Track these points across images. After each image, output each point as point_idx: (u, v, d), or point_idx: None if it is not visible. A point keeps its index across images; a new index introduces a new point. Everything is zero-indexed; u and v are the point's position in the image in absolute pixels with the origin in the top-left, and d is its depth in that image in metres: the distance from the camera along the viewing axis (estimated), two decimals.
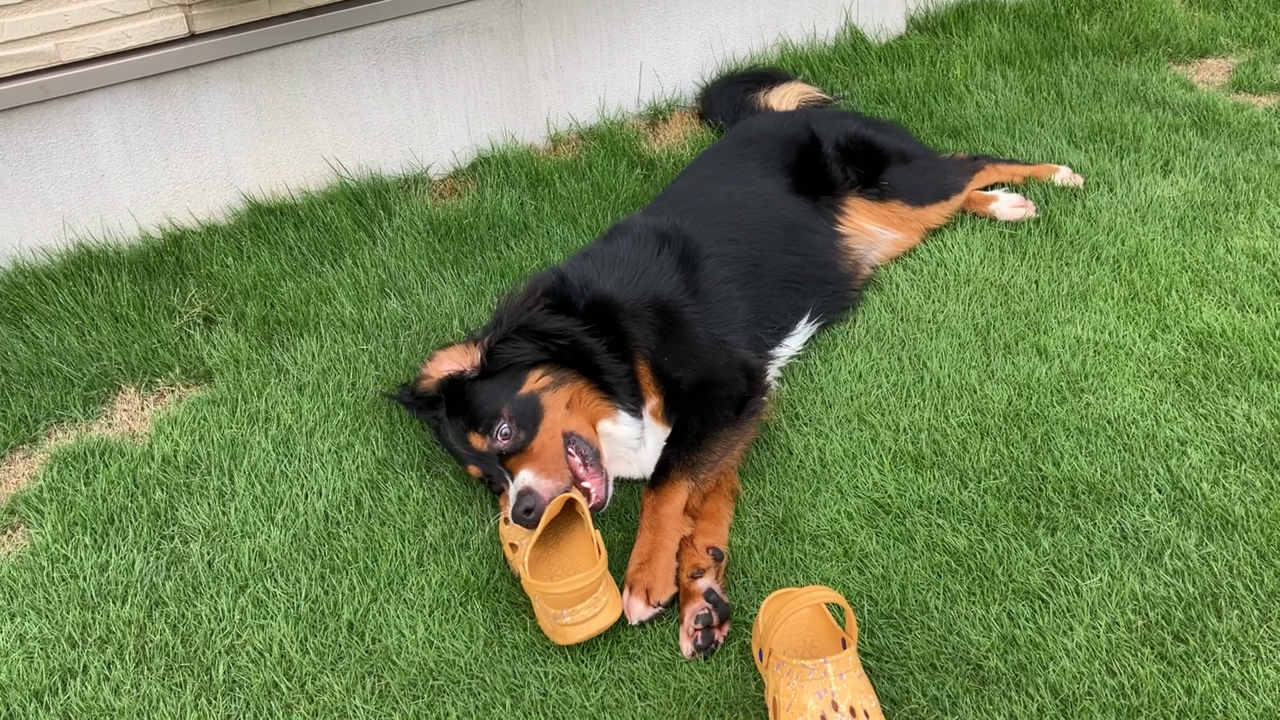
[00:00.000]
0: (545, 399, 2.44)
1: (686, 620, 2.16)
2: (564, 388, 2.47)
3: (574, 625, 2.13)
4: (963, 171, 3.50)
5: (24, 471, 2.73)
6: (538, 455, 2.36)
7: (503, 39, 3.94)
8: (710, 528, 2.37)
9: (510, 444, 2.37)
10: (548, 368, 2.50)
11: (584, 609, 2.13)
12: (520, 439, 2.38)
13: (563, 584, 2.11)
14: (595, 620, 2.14)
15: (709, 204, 3.07)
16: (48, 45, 3.22)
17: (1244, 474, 2.41)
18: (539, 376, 2.48)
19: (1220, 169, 3.59)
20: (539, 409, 2.42)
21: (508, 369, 2.49)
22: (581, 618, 2.13)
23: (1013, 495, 2.42)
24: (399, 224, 3.62)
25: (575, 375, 2.50)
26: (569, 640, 2.14)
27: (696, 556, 2.28)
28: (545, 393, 2.45)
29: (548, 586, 2.13)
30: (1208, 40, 4.61)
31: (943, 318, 3.01)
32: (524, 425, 2.39)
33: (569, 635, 2.14)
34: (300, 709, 2.09)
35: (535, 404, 2.43)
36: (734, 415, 2.53)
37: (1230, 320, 2.87)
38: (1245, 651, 2.03)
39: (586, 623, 2.13)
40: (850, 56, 4.66)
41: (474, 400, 2.46)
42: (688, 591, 2.21)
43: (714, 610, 2.17)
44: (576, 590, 2.11)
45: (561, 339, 2.54)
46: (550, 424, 2.41)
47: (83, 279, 3.32)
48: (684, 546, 2.31)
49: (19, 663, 2.19)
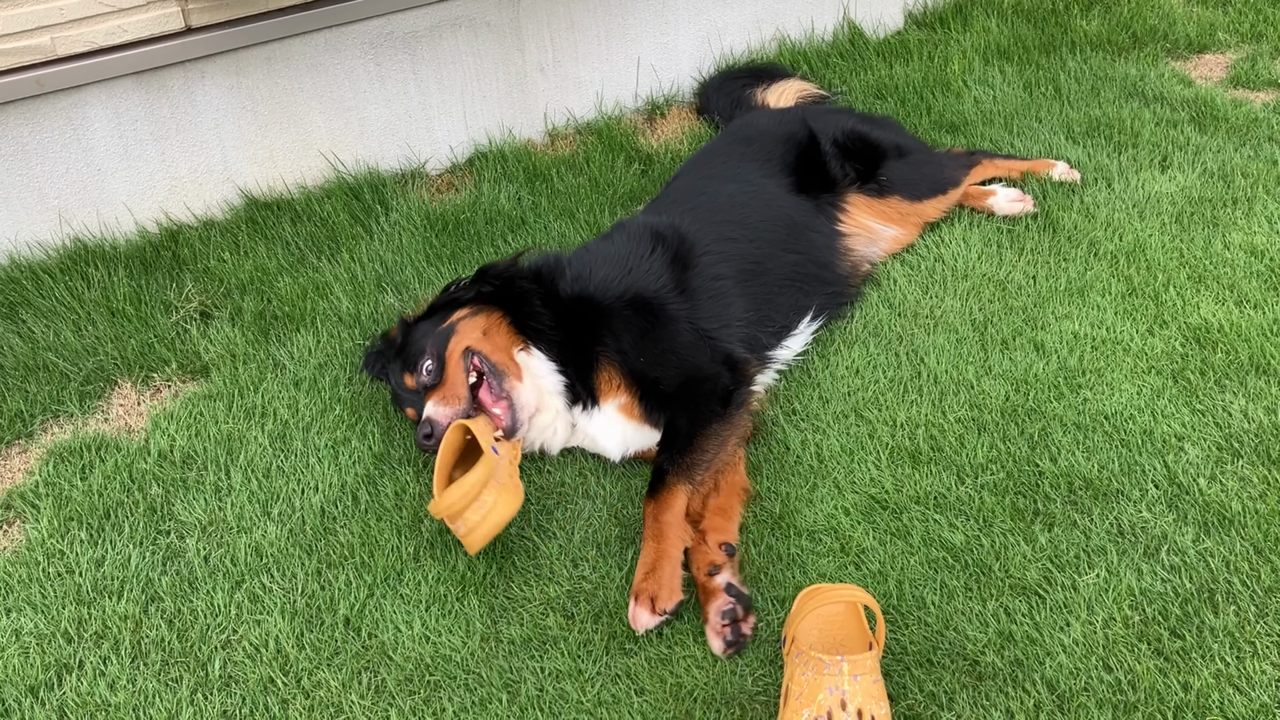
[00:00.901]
0: (460, 326, 2.51)
1: (712, 618, 2.15)
2: (480, 315, 2.53)
3: (468, 534, 2.20)
4: (959, 166, 3.49)
5: (20, 467, 2.72)
6: (444, 386, 2.43)
7: (500, 34, 3.93)
8: (721, 524, 2.36)
9: (430, 378, 2.43)
10: (477, 305, 2.57)
11: (472, 514, 2.19)
12: (435, 371, 2.44)
13: (446, 494, 2.18)
14: (488, 521, 2.19)
15: (710, 203, 3.07)
16: (43, 39, 3.21)
17: (1241, 470, 2.41)
18: (464, 312, 2.56)
19: (1218, 165, 3.59)
20: (450, 335, 2.49)
21: (445, 306, 2.59)
22: (472, 523, 2.19)
23: (1010, 491, 2.42)
24: (396, 219, 3.61)
25: (496, 308, 2.56)
26: (474, 545, 2.21)
27: (711, 554, 2.28)
28: (462, 321, 2.52)
29: (438, 500, 2.19)
30: (1206, 36, 4.61)
31: (940, 313, 3.01)
32: (439, 358, 2.45)
33: (471, 541, 2.20)
34: (296, 704, 2.08)
35: (450, 333, 2.49)
36: (721, 409, 2.52)
37: (1228, 316, 2.87)
38: (1242, 647, 2.03)
39: (480, 525, 2.19)
40: (848, 52, 4.65)
41: (409, 339, 2.56)
42: (707, 589, 2.21)
43: (738, 604, 2.16)
44: (464, 494, 2.17)
45: (497, 279, 2.60)
46: (454, 348, 2.46)
47: (79, 274, 3.31)
48: (697, 545, 2.31)
49: (14, 658, 2.18)
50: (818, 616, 2.11)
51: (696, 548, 2.30)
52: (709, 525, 2.36)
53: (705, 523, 2.37)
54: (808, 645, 2.04)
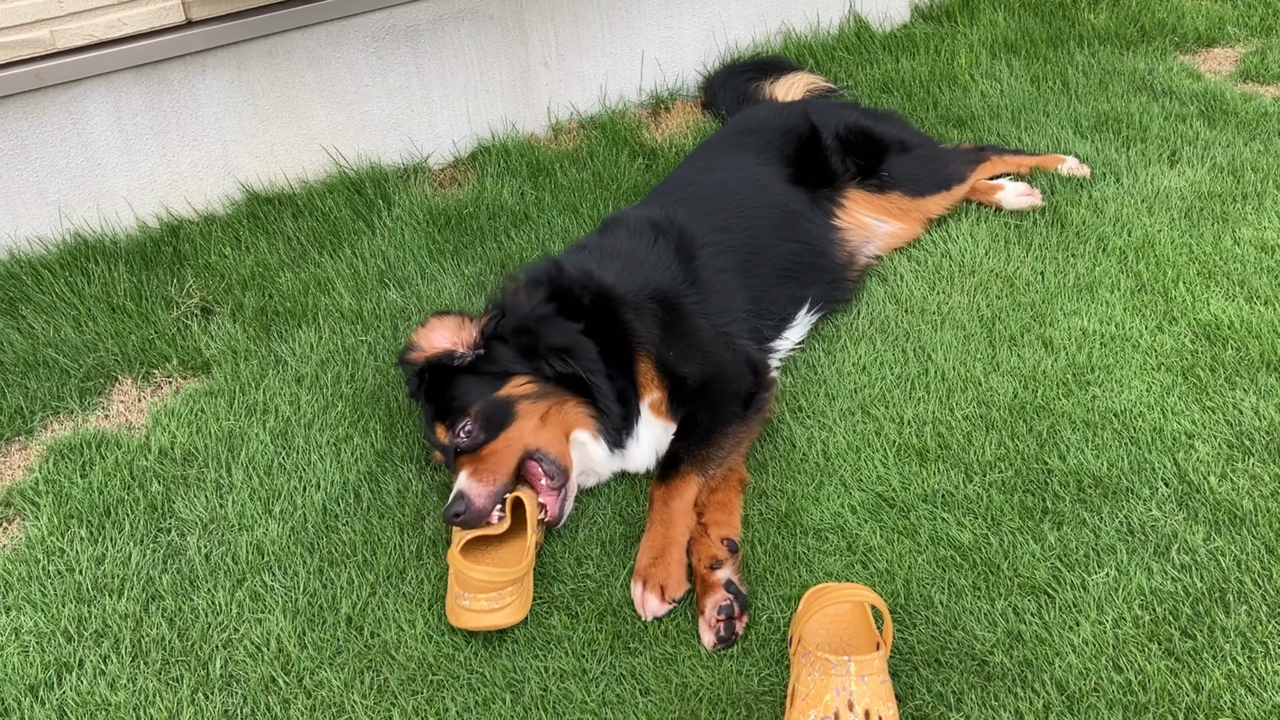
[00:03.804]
0: (520, 407, 2.37)
1: (708, 611, 2.14)
2: (544, 401, 2.39)
3: (471, 612, 2.14)
4: (965, 161, 3.46)
5: (19, 464, 2.70)
6: (485, 458, 2.31)
7: (503, 27, 3.90)
8: (723, 518, 2.34)
9: (468, 442, 2.32)
10: (535, 377, 2.43)
11: (485, 600, 2.14)
12: (480, 440, 2.33)
13: (481, 570, 2.13)
14: (491, 615, 2.14)
15: (701, 192, 3.03)
16: (43, 32, 3.19)
17: (1252, 468, 2.39)
18: (523, 383, 2.41)
19: (1228, 159, 3.56)
20: (509, 415, 2.35)
21: (495, 368, 2.43)
22: (480, 608, 2.14)
23: (1018, 489, 2.40)
24: (398, 214, 3.59)
25: (562, 392, 2.43)
26: (459, 623, 2.15)
27: (713, 548, 2.26)
28: (523, 401, 2.38)
29: (466, 566, 2.14)
30: (1215, 29, 4.57)
31: (947, 309, 2.99)
32: (487, 429, 2.33)
33: (462, 619, 2.15)
34: (298, 704, 2.07)
35: (507, 410, 2.36)
36: (742, 411, 2.51)
37: (1238, 312, 2.84)
38: (1254, 647, 2.01)
39: (482, 614, 2.13)
40: (854, 45, 4.62)
41: (450, 390, 2.41)
42: (706, 583, 2.19)
43: (735, 601, 2.15)
44: (489, 581, 2.12)
45: (559, 362, 2.44)
46: (516, 433, 2.34)
47: (79, 269, 3.29)
48: (698, 538, 2.29)
49: (14, 657, 2.17)
50: (825, 616, 2.10)
51: (699, 540, 2.29)
52: (711, 519, 2.34)
53: (707, 515, 2.35)
54: (814, 645, 2.02)
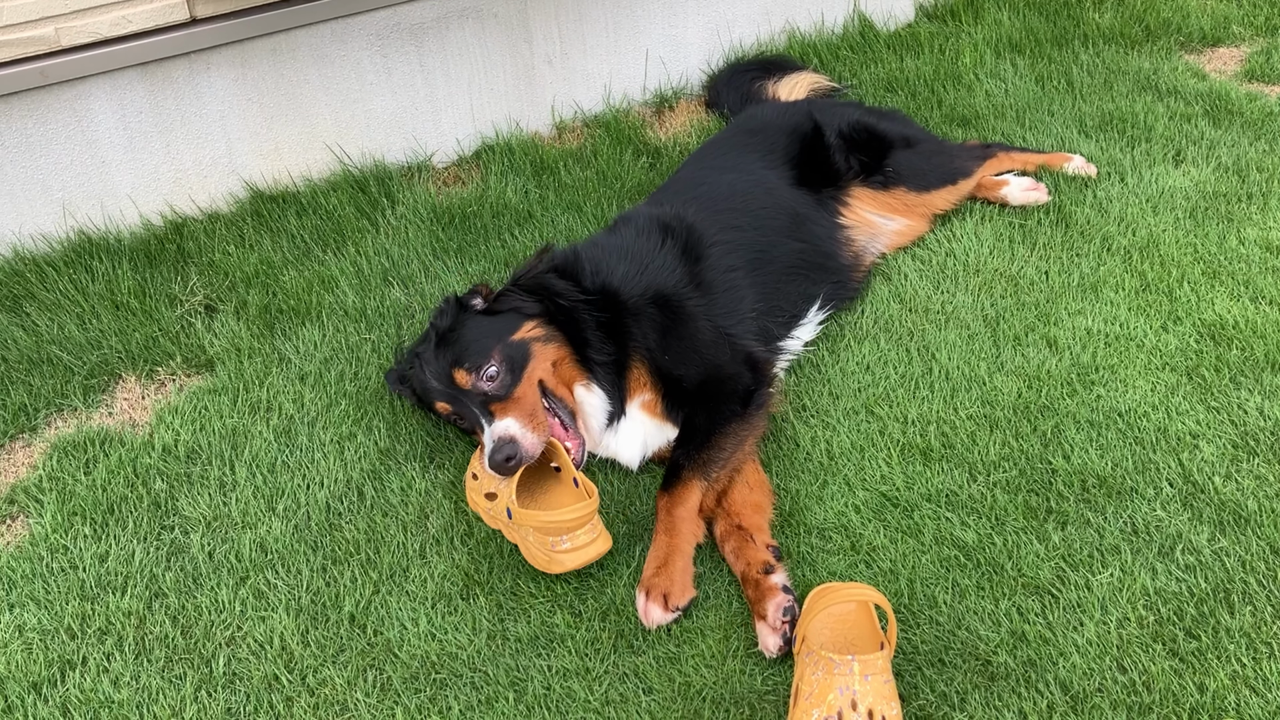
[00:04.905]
0: (535, 348, 2.50)
1: (770, 615, 2.11)
2: (553, 344, 2.53)
3: (572, 551, 2.20)
4: (972, 157, 3.45)
5: (24, 461, 2.71)
6: (519, 402, 2.41)
7: (507, 25, 3.90)
8: (760, 522, 2.35)
9: (496, 387, 2.42)
10: (542, 321, 2.56)
11: (583, 534, 2.20)
12: (507, 383, 2.42)
13: (564, 510, 2.19)
14: (593, 545, 2.21)
15: (711, 193, 3.04)
16: (47, 30, 3.19)
17: (1257, 468, 2.38)
18: (533, 326, 2.54)
19: (1233, 159, 3.55)
20: (528, 356, 2.48)
21: (508, 312, 2.57)
22: (581, 543, 2.20)
23: (1022, 489, 2.39)
24: (402, 212, 3.59)
25: (563, 339, 2.56)
26: (564, 567, 2.20)
27: (762, 553, 2.25)
28: (536, 343, 2.51)
29: (547, 515, 2.18)
30: (1220, 29, 4.56)
31: (951, 309, 2.98)
32: (513, 370, 2.45)
33: (565, 562, 2.20)
34: (301, 702, 2.07)
35: (525, 351, 2.49)
36: (741, 409, 2.51)
37: (1243, 312, 2.83)
38: (1258, 648, 2.01)
39: (585, 548, 2.20)
40: (859, 44, 4.61)
41: (467, 335, 2.51)
42: (761, 587, 2.17)
43: (796, 603, 2.15)
44: (576, 517, 2.18)
45: (564, 299, 2.61)
46: (532, 372, 2.46)
47: (83, 266, 3.29)
48: (744, 543, 2.28)
49: (17, 654, 2.17)
50: (829, 615, 2.09)
51: (744, 546, 2.27)
52: (749, 523, 2.33)
53: (745, 520, 2.34)
54: (818, 645, 2.02)
